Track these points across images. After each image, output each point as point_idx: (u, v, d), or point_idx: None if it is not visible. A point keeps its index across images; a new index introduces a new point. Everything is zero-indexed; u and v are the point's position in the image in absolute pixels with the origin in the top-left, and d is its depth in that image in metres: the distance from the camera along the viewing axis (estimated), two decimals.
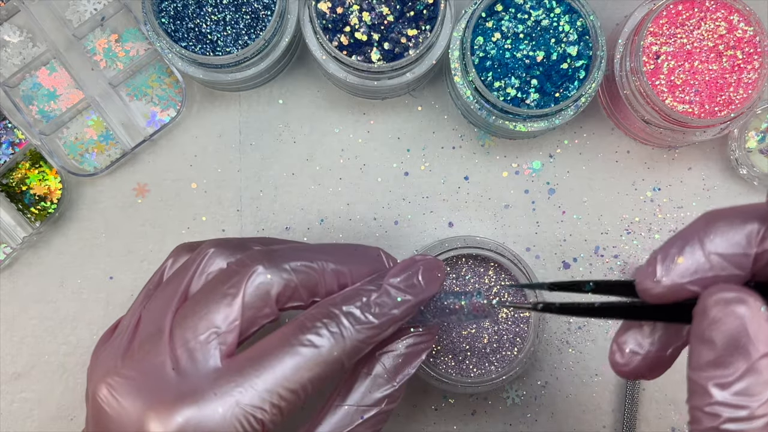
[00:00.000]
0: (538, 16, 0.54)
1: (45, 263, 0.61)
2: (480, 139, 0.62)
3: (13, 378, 0.61)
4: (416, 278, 0.46)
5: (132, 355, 0.44)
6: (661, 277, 0.34)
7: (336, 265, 0.46)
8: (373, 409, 0.47)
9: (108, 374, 0.43)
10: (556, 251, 0.61)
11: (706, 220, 0.35)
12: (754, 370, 0.31)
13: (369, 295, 0.45)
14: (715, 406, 0.32)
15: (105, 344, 0.47)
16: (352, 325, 0.43)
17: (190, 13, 0.55)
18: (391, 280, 0.45)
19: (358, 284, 0.46)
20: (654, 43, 0.54)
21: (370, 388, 0.47)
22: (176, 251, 0.50)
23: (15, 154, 0.59)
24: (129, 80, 0.61)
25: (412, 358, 0.48)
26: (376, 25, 0.53)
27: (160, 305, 0.45)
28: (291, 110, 0.62)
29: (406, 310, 0.45)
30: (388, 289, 0.45)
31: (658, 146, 0.61)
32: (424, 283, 0.46)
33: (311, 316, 0.44)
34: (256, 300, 0.43)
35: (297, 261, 0.45)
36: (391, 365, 0.47)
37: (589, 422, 0.61)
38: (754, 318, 0.32)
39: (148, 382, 0.42)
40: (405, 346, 0.48)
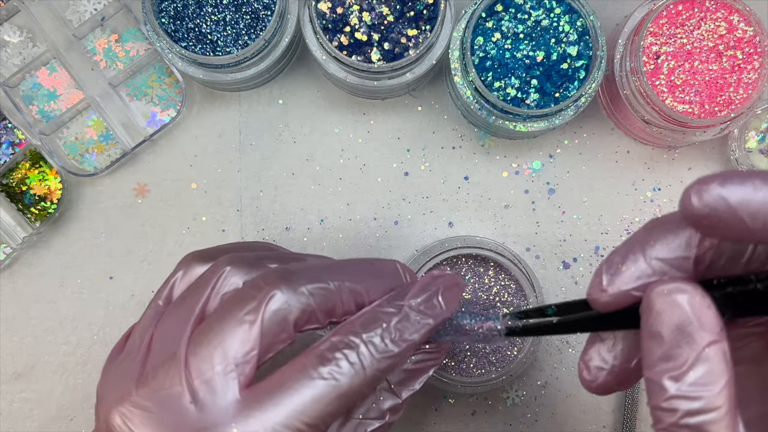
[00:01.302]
0: (538, 16, 0.54)
1: (45, 263, 0.61)
2: (480, 139, 0.62)
3: (13, 378, 0.61)
4: (437, 299, 0.44)
5: (146, 382, 0.42)
6: (606, 285, 0.35)
7: (352, 284, 0.44)
8: (377, 422, 0.46)
9: (122, 401, 0.42)
10: (556, 251, 0.61)
11: (647, 228, 0.36)
12: (704, 358, 0.32)
13: (390, 320, 0.43)
14: (672, 400, 0.32)
15: (116, 360, 0.46)
16: (373, 354, 0.42)
17: (190, 13, 0.55)
18: (411, 303, 0.44)
19: (376, 304, 0.44)
20: (654, 43, 0.54)
21: (375, 401, 0.47)
22: (186, 261, 0.48)
23: (15, 154, 0.59)
24: (129, 80, 0.61)
25: (419, 373, 0.47)
26: (376, 25, 0.53)
27: (173, 327, 0.44)
28: (291, 110, 0.62)
29: (426, 333, 0.44)
30: (409, 313, 0.43)
31: (658, 146, 0.61)
32: (444, 303, 0.44)
33: (331, 345, 0.42)
34: (273, 326, 0.42)
35: (314, 283, 0.43)
36: (396, 379, 0.47)
37: (589, 422, 0.61)
38: (697, 306, 0.32)
39: (166, 416, 0.41)
40: (413, 361, 0.47)
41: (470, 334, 0.45)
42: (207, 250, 0.48)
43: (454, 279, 0.46)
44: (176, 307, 0.45)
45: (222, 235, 0.61)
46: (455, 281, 0.45)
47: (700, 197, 0.32)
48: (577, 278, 0.61)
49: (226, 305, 0.43)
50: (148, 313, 0.46)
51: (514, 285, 0.57)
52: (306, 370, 0.41)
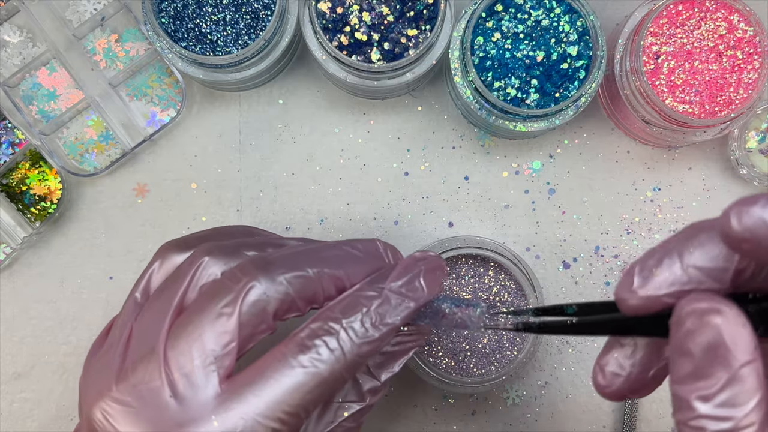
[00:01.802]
0: (538, 16, 0.54)
1: (45, 263, 0.61)
2: (480, 139, 0.62)
3: (13, 378, 0.61)
4: (418, 281, 0.44)
5: (126, 377, 0.42)
6: (637, 288, 0.34)
7: (332, 269, 0.44)
8: (357, 405, 0.46)
9: (102, 396, 0.42)
10: (556, 251, 0.61)
11: (688, 233, 0.34)
12: (737, 379, 0.31)
13: (370, 304, 0.43)
14: (700, 419, 0.31)
15: (96, 355, 0.45)
16: (353, 340, 0.42)
17: (190, 13, 0.55)
18: (392, 285, 0.44)
19: (356, 288, 0.44)
20: (654, 43, 0.54)
21: (354, 384, 0.47)
22: (162, 251, 0.47)
23: (15, 154, 0.59)
24: (129, 80, 0.61)
25: (398, 355, 0.47)
26: (376, 25, 0.53)
27: (152, 320, 0.43)
28: (291, 110, 0.62)
29: (407, 316, 0.44)
30: (389, 297, 0.43)
31: (658, 146, 0.61)
32: (426, 285, 0.44)
33: (311, 332, 0.42)
34: (252, 318, 0.42)
35: (292, 272, 0.43)
36: (374, 362, 0.47)
37: (589, 422, 0.61)
38: (731, 326, 0.31)
39: (146, 411, 0.41)
40: (392, 343, 0.47)
41: (449, 319, 0.45)
42: (184, 239, 0.47)
43: (436, 261, 0.45)
44: (155, 300, 0.45)
45: None
46: (438, 264, 0.45)
47: (740, 220, 0.31)
48: (577, 278, 0.61)
49: (203, 297, 0.43)
50: (126, 306, 0.46)
51: (514, 285, 0.57)
52: (285, 359, 0.41)
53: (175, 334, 0.42)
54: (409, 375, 0.61)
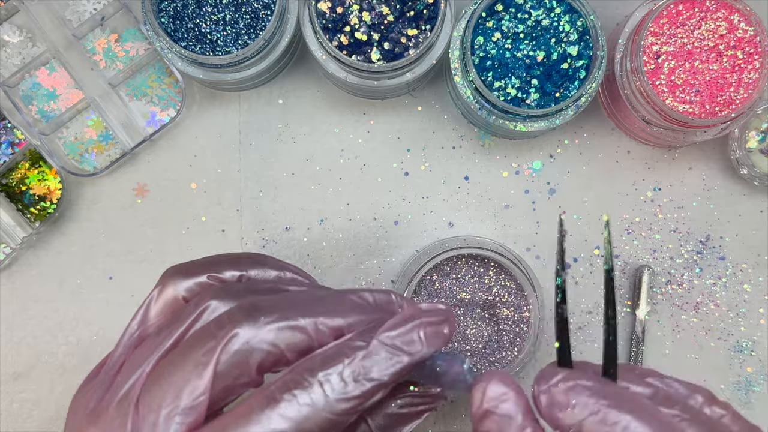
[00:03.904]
0: (538, 15, 0.54)
1: (44, 263, 0.61)
2: (480, 139, 0.62)
3: (13, 378, 0.61)
4: (417, 333, 0.39)
5: (97, 420, 0.39)
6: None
7: (331, 320, 0.39)
8: None
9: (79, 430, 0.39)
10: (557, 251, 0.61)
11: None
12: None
13: (354, 355, 0.37)
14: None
15: (86, 387, 0.42)
16: (327, 395, 0.37)
17: (190, 13, 0.55)
18: (384, 336, 0.38)
19: (346, 338, 0.39)
20: (654, 42, 0.54)
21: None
22: (164, 278, 0.43)
23: (15, 154, 0.59)
24: (129, 80, 0.61)
25: (408, 419, 0.43)
26: (376, 25, 0.53)
27: (139, 360, 0.40)
28: (291, 110, 0.62)
29: (398, 372, 0.38)
30: (378, 348, 0.38)
31: (658, 146, 0.61)
32: (426, 339, 0.39)
33: (282, 384, 0.37)
34: (231, 369, 0.38)
35: (283, 321, 0.38)
36: (378, 424, 0.42)
37: None
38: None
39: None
40: (399, 405, 0.43)
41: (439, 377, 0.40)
42: (188, 265, 0.43)
43: (444, 314, 0.40)
44: (151, 339, 0.41)
45: (222, 235, 0.61)
46: (445, 317, 0.40)
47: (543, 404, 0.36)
48: (577, 278, 0.61)
49: (187, 342, 0.39)
50: (123, 338, 0.43)
51: (514, 285, 0.57)
52: (252, 413, 0.37)
53: (153, 379, 0.39)
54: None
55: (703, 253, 0.61)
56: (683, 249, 0.61)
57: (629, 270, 0.61)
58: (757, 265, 0.61)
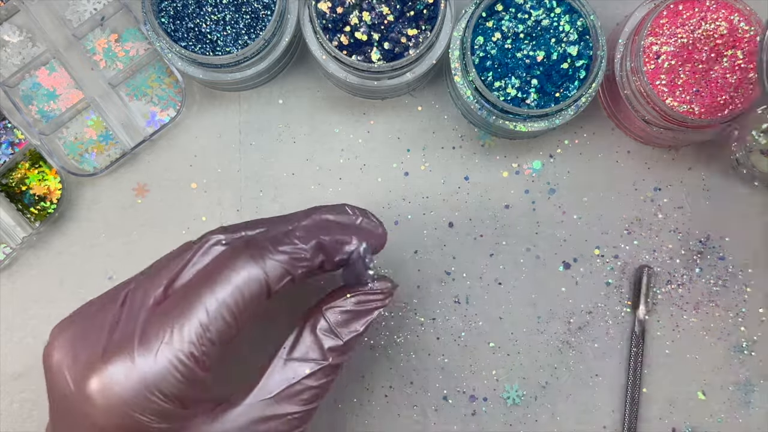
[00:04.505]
0: (538, 15, 0.54)
1: (44, 263, 0.61)
2: (480, 139, 0.62)
3: (12, 378, 0.61)
4: (355, 221, 0.48)
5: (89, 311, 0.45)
6: None
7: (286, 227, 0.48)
8: (317, 363, 0.47)
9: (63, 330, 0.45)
10: (556, 251, 0.61)
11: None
12: None
13: (294, 222, 0.47)
14: None
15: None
16: (274, 245, 0.44)
17: (190, 13, 0.55)
18: (324, 215, 0.47)
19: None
20: (654, 42, 0.54)
21: (315, 341, 0.47)
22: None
23: (15, 154, 0.59)
24: (129, 80, 0.61)
25: (361, 315, 0.48)
26: (376, 25, 0.53)
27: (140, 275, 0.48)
28: (291, 110, 0.62)
29: (336, 242, 0.46)
30: (318, 219, 0.47)
31: (658, 146, 0.61)
32: (361, 231, 0.47)
33: (233, 246, 0.45)
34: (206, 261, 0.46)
35: (252, 229, 0.47)
36: (336, 320, 0.47)
37: (589, 422, 0.61)
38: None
39: (91, 336, 0.43)
40: (352, 302, 0.48)
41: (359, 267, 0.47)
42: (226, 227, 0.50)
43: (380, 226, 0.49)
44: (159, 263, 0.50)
45: None
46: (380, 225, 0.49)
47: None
48: (577, 278, 0.61)
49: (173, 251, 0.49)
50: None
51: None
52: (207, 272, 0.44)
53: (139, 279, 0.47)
54: (410, 375, 0.61)
55: (703, 253, 0.61)
56: (683, 249, 0.61)
57: (629, 270, 0.61)
58: (757, 265, 0.61)
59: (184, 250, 0.47)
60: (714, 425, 0.61)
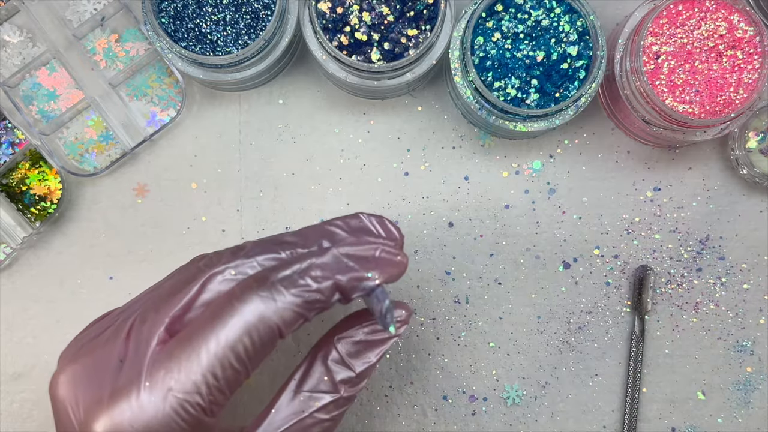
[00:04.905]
0: (538, 16, 0.54)
1: (45, 263, 0.61)
2: (480, 139, 0.62)
3: (13, 378, 0.61)
4: (374, 252, 0.43)
5: (95, 344, 0.43)
6: None
7: (308, 249, 0.43)
8: (329, 396, 0.45)
9: (70, 362, 0.43)
10: (556, 251, 0.61)
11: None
12: None
13: (311, 258, 0.42)
14: None
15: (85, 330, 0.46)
16: (286, 288, 0.40)
17: (190, 13, 0.55)
18: (342, 249, 0.42)
19: (306, 250, 0.43)
20: (654, 43, 0.54)
21: (326, 374, 0.45)
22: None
23: (15, 154, 0.59)
24: (129, 80, 0.61)
25: (374, 345, 0.46)
26: (376, 25, 0.53)
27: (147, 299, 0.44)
28: (291, 110, 0.62)
29: (353, 280, 0.42)
30: (336, 255, 0.42)
31: (658, 146, 0.61)
32: (380, 263, 0.43)
33: (243, 284, 0.41)
34: (216, 296, 0.42)
35: (263, 255, 0.43)
36: (348, 351, 0.46)
37: (589, 422, 0.61)
38: None
39: (96, 374, 0.41)
40: (365, 332, 0.46)
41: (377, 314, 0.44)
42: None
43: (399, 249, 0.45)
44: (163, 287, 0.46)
45: (222, 235, 0.61)
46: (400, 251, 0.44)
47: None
48: (577, 278, 0.61)
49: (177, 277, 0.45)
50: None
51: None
52: (215, 312, 0.41)
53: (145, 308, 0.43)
54: (410, 375, 0.61)
55: (703, 253, 0.61)
56: (683, 249, 0.61)
57: (629, 270, 0.61)
58: (756, 265, 0.61)
59: (193, 275, 0.43)
60: (714, 425, 0.61)
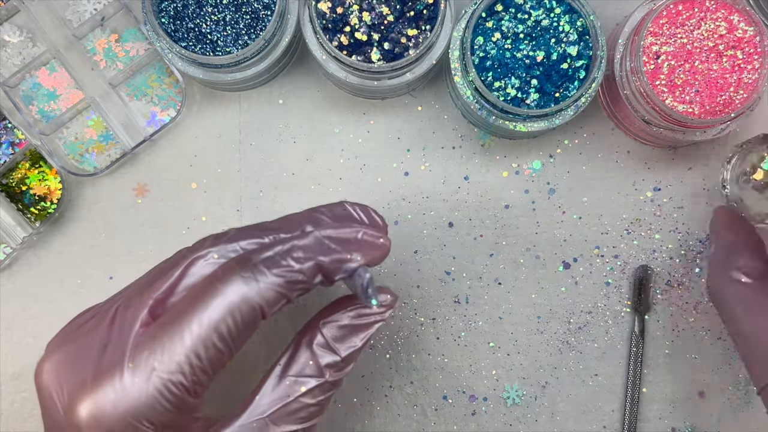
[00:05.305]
0: (538, 16, 0.54)
1: (45, 263, 0.61)
2: (480, 139, 0.62)
3: (12, 378, 0.61)
4: (356, 235, 0.44)
5: (79, 332, 0.43)
6: None
7: (291, 234, 0.44)
8: (314, 380, 0.45)
9: (54, 349, 0.43)
10: (556, 251, 0.61)
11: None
12: None
13: (292, 240, 0.42)
14: None
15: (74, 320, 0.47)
16: (268, 268, 0.41)
17: (190, 13, 0.55)
18: (324, 231, 0.43)
19: (289, 235, 0.44)
20: (654, 43, 0.54)
21: (311, 358, 0.45)
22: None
23: (15, 154, 0.59)
24: (129, 80, 0.61)
25: (360, 329, 0.46)
26: (376, 25, 0.53)
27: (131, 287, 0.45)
28: (291, 110, 0.62)
29: (335, 261, 0.42)
30: (318, 236, 0.43)
31: (658, 146, 0.61)
32: (363, 245, 0.44)
33: (225, 266, 0.42)
34: (199, 279, 0.42)
35: (246, 239, 0.43)
36: (333, 335, 0.45)
37: (589, 422, 0.61)
38: None
39: (80, 359, 0.41)
40: (350, 317, 0.46)
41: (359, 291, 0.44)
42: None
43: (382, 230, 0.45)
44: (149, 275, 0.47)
45: None
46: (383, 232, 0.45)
47: None
48: (577, 278, 0.61)
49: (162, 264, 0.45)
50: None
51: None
52: (197, 294, 0.41)
53: (128, 294, 0.44)
54: (410, 375, 0.61)
55: (703, 253, 0.61)
56: (683, 249, 0.61)
57: (629, 270, 0.61)
58: None
59: (176, 261, 0.44)
60: (714, 425, 0.61)
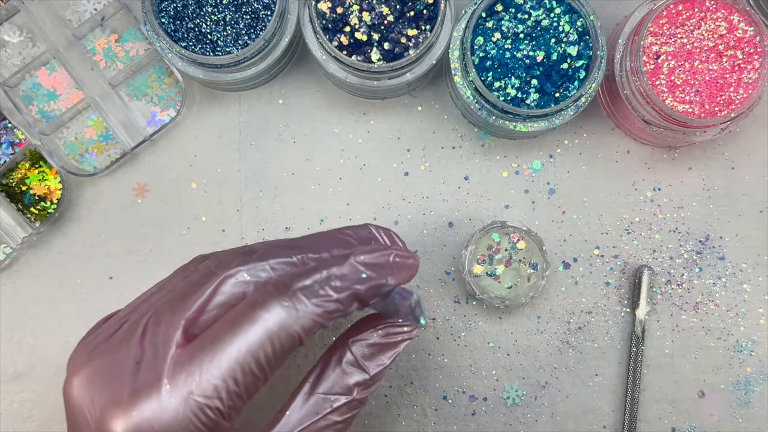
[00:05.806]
0: (538, 16, 0.54)
1: (45, 263, 0.61)
2: (480, 139, 0.62)
3: (13, 378, 0.61)
4: (389, 258, 0.44)
5: (108, 346, 0.43)
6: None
7: (319, 255, 0.44)
8: (343, 398, 0.45)
9: (84, 364, 0.42)
10: (556, 251, 0.61)
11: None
12: None
13: (330, 268, 0.43)
14: None
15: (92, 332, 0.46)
16: (308, 297, 0.41)
17: (190, 13, 0.55)
18: (359, 258, 0.43)
19: (317, 255, 0.45)
20: (654, 43, 0.54)
21: (341, 376, 0.46)
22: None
23: (15, 154, 0.59)
24: (129, 80, 0.61)
25: (388, 347, 0.46)
26: (376, 25, 0.53)
27: (158, 299, 0.44)
28: (291, 110, 0.62)
29: (372, 288, 0.43)
30: (354, 264, 0.43)
31: (658, 146, 0.61)
32: (395, 268, 0.44)
33: (264, 291, 0.42)
34: (230, 298, 0.42)
35: (275, 258, 0.44)
36: (362, 353, 0.46)
37: (589, 422, 0.61)
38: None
39: (112, 375, 0.41)
40: (379, 335, 0.46)
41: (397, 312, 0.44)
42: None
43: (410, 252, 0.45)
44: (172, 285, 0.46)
45: (222, 235, 0.61)
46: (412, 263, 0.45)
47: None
48: (577, 278, 0.61)
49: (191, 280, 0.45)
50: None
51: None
52: (237, 318, 0.41)
53: (159, 309, 0.43)
54: (410, 375, 0.61)
55: (703, 253, 0.61)
56: (683, 249, 0.61)
57: (629, 270, 0.61)
58: (756, 265, 0.61)
59: (205, 277, 0.44)
60: (714, 425, 0.61)
